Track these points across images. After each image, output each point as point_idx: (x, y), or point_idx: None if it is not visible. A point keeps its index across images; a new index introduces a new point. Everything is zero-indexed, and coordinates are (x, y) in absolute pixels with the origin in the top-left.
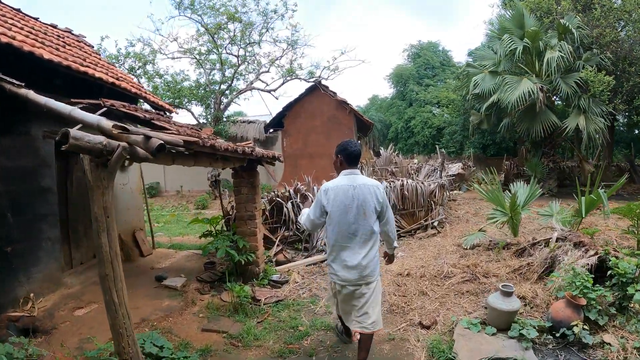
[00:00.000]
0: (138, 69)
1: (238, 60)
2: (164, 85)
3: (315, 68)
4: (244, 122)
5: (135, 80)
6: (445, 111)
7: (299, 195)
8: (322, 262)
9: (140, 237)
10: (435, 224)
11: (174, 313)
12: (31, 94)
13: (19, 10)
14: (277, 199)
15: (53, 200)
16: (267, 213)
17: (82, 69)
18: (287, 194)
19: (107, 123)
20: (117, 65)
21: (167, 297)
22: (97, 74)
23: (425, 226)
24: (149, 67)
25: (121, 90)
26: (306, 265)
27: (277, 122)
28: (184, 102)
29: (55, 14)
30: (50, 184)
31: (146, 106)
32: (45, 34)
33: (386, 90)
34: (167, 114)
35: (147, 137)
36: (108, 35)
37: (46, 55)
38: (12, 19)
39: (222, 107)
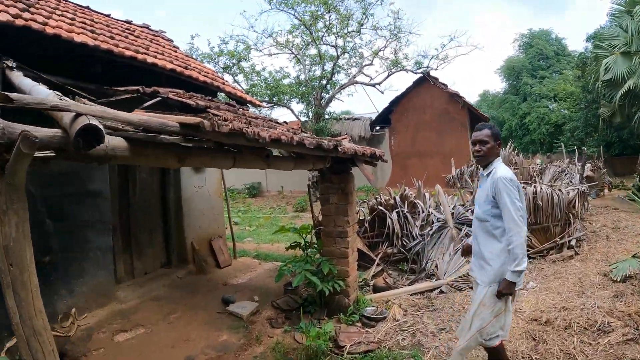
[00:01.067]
0: (233, 67)
1: (337, 52)
2: (262, 82)
3: (422, 57)
4: (348, 119)
5: (229, 79)
6: (563, 105)
7: (406, 204)
8: (431, 290)
9: (218, 245)
10: (573, 242)
11: (229, 354)
12: (18, 76)
13: (87, 7)
14: (380, 207)
15: (104, 206)
16: (366, 224)
17: (129, 53)
18: (392, 201)
19: None
20: (210, 64)
21: (227, 329)
22: (151, 60)
23: (560, 245)
24: (244, 64)
25: (185, 79)
26: (411, 295)
27: (384, 119)
28: (283, 100)
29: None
30: (100, 187)
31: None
32: (107, 26)
33: (497, 85)
34: (249, 106)
35: (77, 116)
36: (198, 33)
37: (78, 38)
38: (67, 12)
39: (322, 103)
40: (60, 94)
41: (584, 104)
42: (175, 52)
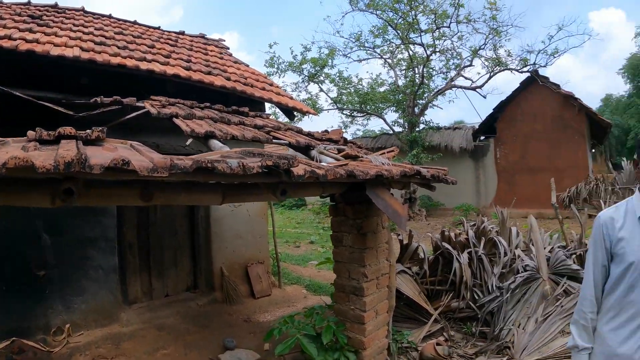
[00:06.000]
0: (316, 75)
1: (426, 51)
2: (351, 89)
3: (528, 53)
4: (448, 128)
5: (315, 88)
6: None
7: (482, 242)
8: None
9: (256, 272)
10: None
11: None
12: None
13: (134, 21)
14: (444, 244)
15: (108, 223)
16: (426, 266)
17: (117, 61)
18: (462, 238)
19: None
20: (295, 73)
21: None
22: (145, 66)
23: None
24: (331, 71)
25: (195, 83)
26: None
27: (488, 128)
28: (377, 108)
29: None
30: None
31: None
32: (138, 37)
33: (621, 88)
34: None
35: None
36: (277, 42)
37: (54, 52)
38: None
39: (417, 111)
40: None
41: None
42: (220, 59)
